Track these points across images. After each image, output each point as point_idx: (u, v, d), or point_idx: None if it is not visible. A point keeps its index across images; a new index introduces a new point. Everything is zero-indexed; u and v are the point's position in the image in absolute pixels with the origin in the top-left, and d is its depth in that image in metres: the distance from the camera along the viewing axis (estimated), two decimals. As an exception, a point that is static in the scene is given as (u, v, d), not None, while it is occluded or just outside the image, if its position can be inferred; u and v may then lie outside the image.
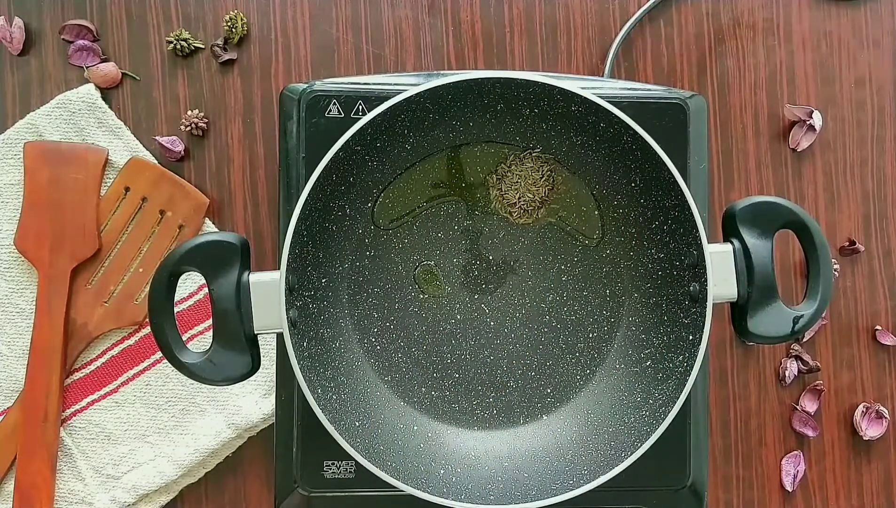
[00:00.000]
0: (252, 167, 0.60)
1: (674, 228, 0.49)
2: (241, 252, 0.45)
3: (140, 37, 0.60)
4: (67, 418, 0.58)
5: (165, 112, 0.60)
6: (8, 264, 0.58)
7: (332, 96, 0.52)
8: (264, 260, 0.59)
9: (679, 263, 0.50)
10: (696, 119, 0.53)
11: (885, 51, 0.62)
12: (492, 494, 0.49)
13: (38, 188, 0.57)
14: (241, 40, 0.60)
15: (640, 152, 0.48)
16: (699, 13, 0.62)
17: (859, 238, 0.62)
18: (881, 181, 0.62)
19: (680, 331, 0.49)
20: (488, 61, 0.61)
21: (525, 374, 0.54)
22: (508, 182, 0.54)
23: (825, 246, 0.47)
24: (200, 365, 0.44)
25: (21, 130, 0.58)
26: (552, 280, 0.54)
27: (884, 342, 0.61)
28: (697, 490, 0.53)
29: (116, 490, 0.57)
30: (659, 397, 0.49)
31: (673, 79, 0.61)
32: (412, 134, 0.51)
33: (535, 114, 0.51)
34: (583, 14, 0.61)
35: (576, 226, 0.54)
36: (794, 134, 0.61)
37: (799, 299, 0.61)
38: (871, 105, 0.62)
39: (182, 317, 0.58)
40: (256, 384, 0.58)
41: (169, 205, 0.58)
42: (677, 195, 0.48)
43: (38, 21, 0.60)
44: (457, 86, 0.48)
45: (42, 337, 0.57)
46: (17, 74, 0.60)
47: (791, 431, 0.61)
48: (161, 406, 0.58)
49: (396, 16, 0.61)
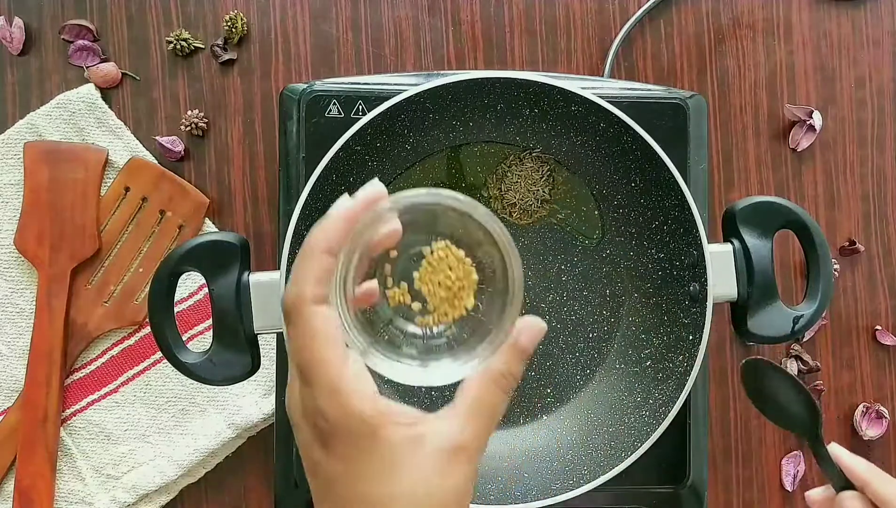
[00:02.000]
0: (252, 167, 0.60)
1: (674, 228, 0.49)
2: (241, 252, 0.45)
3: (140, 37, 0.60)
4: (67, 418, 0.58)
5: (165, 112, 0.60)
6: (8, 264, 0.58)
7: (332, 96, 0.52)
8: (264, 260, 0.59)
9: (679, 263, 0.50)
10: (696, 119, 0.53)
11: (885, 51, 0.62)
12: (492, 494, 0.49)
13: (37, 188, 0.57)
14: (241, 40, 0.60)
15: (640, 152, 0.48)
16: (699, 13, 0.62)
17: (859, 238, 0.62)
18: (881, 181, 0.62)
19: (680, 331, 0.49)
20: (488, 61, 0.61)
21: (525, 374, 0.54)
22: (508, 182, 0.54)
23: (825, 246, 0.47)
24: (200, 365, 0.44)
25: (21, 130, 0.58)
26: (552, 280, 0.54)
27: (884, 341, 0.61)
28: (697, 490, 0.53)
29: (116, 490, 0.57)
30: (659, 397, 0.49)
31: (673, 79, 0.61)
32: (412, 134, 0.51)
33: (535, 114, 0.51)
34: (583, 14, 0.61)
35: (576, 226, 0.54)
36: (794, 134, 0.61)
37: (799, 299, 0.61)
38: (871, 105, 0.62)
39: (182, 317, 0.58)
40: (256, 384, 0.58)
41: (169, 205, 0.58)
42: (677, 195, 0.48)
43: (38, 21, 0.60)
44: (457, 86, 0.48)
45: (42, 337, 0.57)
46: (17, 73, 0.60)
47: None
48: (161, 406, 0.58)
49: (396, 16, 0.61)
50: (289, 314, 0.31)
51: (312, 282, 0.31)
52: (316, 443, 0.31)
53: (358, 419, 0.30)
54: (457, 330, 0.37)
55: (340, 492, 0.31)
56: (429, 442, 0.31)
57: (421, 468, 0.31)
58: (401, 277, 0.37)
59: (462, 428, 0.32)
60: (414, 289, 0.37)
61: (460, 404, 0.32)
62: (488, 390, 0.33)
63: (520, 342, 0.33)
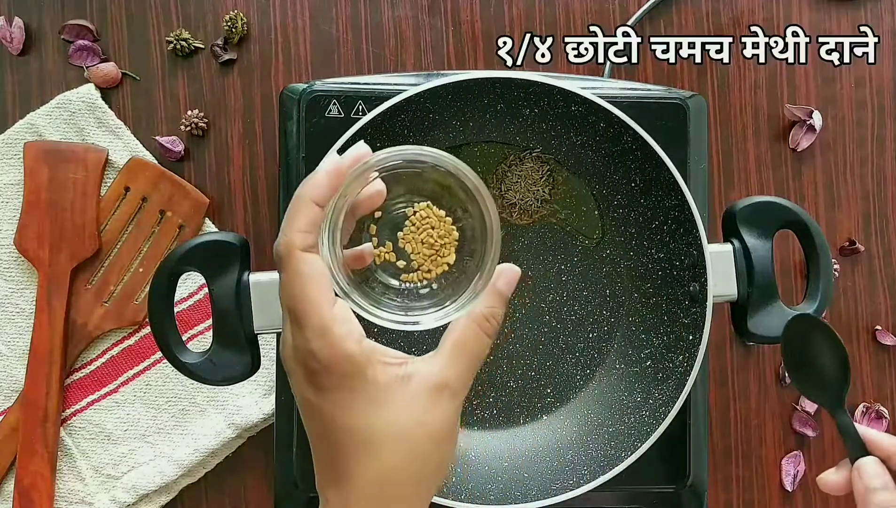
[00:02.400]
0: (252, 167, 0.60)
1: (674, 228, 0.49)
2: (241, 252, 0.45)
3: (140, 37, 0.60)
4: (67, 418, 0.58)
5: (165, 112, 0.60)
6: (8, 264, 0.58)
7: (332, 96, 0.52)
8: (264, 260, 0.59)
9: (679, 263, 0.50)
10: (696, 119, 0.53)
11: (886, 51, 0.62)
12: (492, 494, 0.49)
13: (37, 188, 0.57)
14: (241, 40, 0.60)
15: (640, 152, 0.48)
16: (699, 13, 0.62)
17: (859, 238, 0.62)
18: (881, 181, 0.62)
19: (680, 331, 0.49)
20: (488, 61, 0.61)
21: (525, 374, 0.54)
22: (508, 182, 0.54)
23: (825, 246, 0.47)
24: (200, 365, 0.44)
25: (21, 130, 0.58)
26: (552, 280, 0.54)
27: (884, 342, 0.61)
28: (697, 490, 0.53)
29: (116, 490, 0.57)
30: (659, 397, 0.49)
31: (673, 79, 0.61)
32: (412, 134, 0.51)
33: (535, 114, 0.51)
34: (583, 14, 0.61)
35: (576, 226, 0.54)
36: (794, 134, 0.61)
37: (799, 299, 0.61)
38: (871, 105, 0.62)
39: (182, 317, 0.58)
40: (256, 384, 0.58)
41: (169, 205, 0.58)
42: (677, 195, 0.48)
43: (38, 21, 0.60)
44: (457, 86, 0.48)
45: (42, 337, 0.57)
46: (17, 73, 0.60)
47: (791, 431, 0.61)
48: (161, 406, 0.58)
49: (396, 16, 0.61)
50: (280, 260, 0.34)
51: (302, 230, 0.33)
52: (308, 383, 0.33)
53: (347, 358, 0.32)
54: (437, 285, 0.39)
55: (333, 427, 0.33)
56: (414, 380, 0.33)
57: (407, 402, 0.33)
58: (386, 236, 0.40)
59: (446, 367, 0.34)
60: (398, 247, 0.39)
61: (445, 346, 0.35)
62: (472, 331, 0.35)
63: (498, 286, 0.35)
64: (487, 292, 0.35)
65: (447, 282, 0.39)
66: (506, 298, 0.36)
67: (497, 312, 0.36)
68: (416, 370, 0.34)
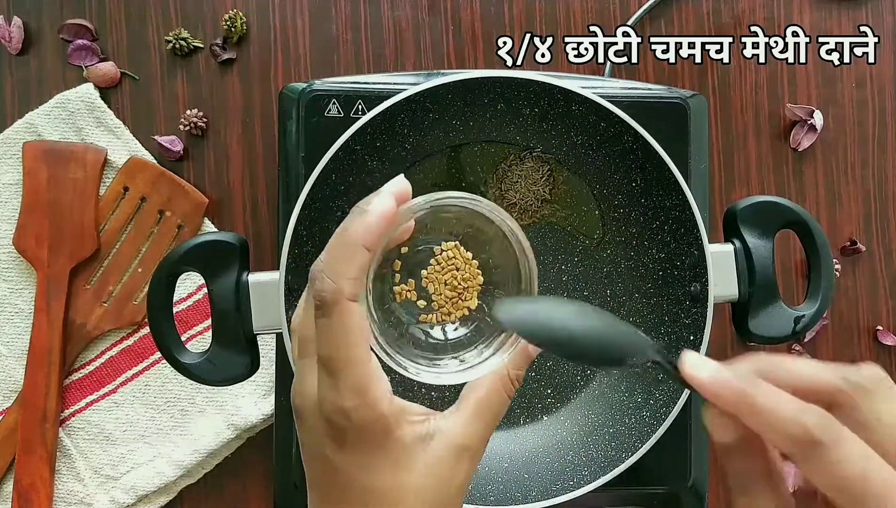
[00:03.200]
0: (251, 167, 0.60)
1: (674, 228, 0.49)
2: (241, 252, 0.45)
3: (139, 36, 0.60)
4: (66, 418, 0.58)
5: (164, 112, 0.60)
6: (7, 264, 0.58)
7: (332, 96, 0.51)
8: (264, 260, 0.59)
9: (680, 263, 0.50)
10: (697, 119, 0.53)
11: (886, 51, 0.62)
12: (492, 495, 0.48)
13: (36, 188, 0.57)
14: (241, 40, 0.60)
15: (641, 152, 0.48)
16: (699, 13, 0.62)
17: (860, 238, 0.62)
18: (882, 181, 0.62)
19: (680, 331, 0.49)
20: (488, 61, 0.61)
21: (525, 374, 0.54)
22: (508, 182, 0.54)
23: (826, 246, 0.47)
24: (199, 365, 0.44)
25: (20, 130, 0.58)
26: (552, 280, 0.54)
27: (885, 342, 0.61)
28: (698, 490, 0.53)
29: (115, 491, 0.57)
30: (660, 397, 0.49)
31: (673, 79, 0.61)
32: (412, 134, 0.51)
33: (535, 114, 0.51)
34: (583, 14, 0.61)
35: (576, 226, 0.54)
36: (795, 134, 0.61)
37: (800, 299, 0.61)
38: (872, 105, 0.62)
39: (181, 317, 0.58)
40: (256, 384, 0.57)
41: (168, 205, 0.58)
42: (678, 195, 0.47)
43: (38, 20, 0.60)
44: (457, 85, 0.48)
45: (41, 337, 0.56)
46: (17, 73, 0.59)
47: (792, 431, 0.61)
48: (160, 407, 0.58)
49: (396, 15, 0.61)
50: (325, 306, 0.31)
51: (352, 277, 0.31)
52: (330, 439, 0.32)
53: (379, 418, 0.31)
54: (458, 330, 0.37)
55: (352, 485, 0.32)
56: (437, 440, 0.32)
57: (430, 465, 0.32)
58: (409, 273, 0.38)
59: (468, 426, 0.33)
60: (420, 286, 0.38)
61: (466, 405, 0.34)
62: (496, 391, 0.34)
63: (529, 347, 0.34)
64: (518, 353, 0.34)
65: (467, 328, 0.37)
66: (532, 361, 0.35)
67: (522, 375, 0.35)
68: (437, 428, 0.33)
